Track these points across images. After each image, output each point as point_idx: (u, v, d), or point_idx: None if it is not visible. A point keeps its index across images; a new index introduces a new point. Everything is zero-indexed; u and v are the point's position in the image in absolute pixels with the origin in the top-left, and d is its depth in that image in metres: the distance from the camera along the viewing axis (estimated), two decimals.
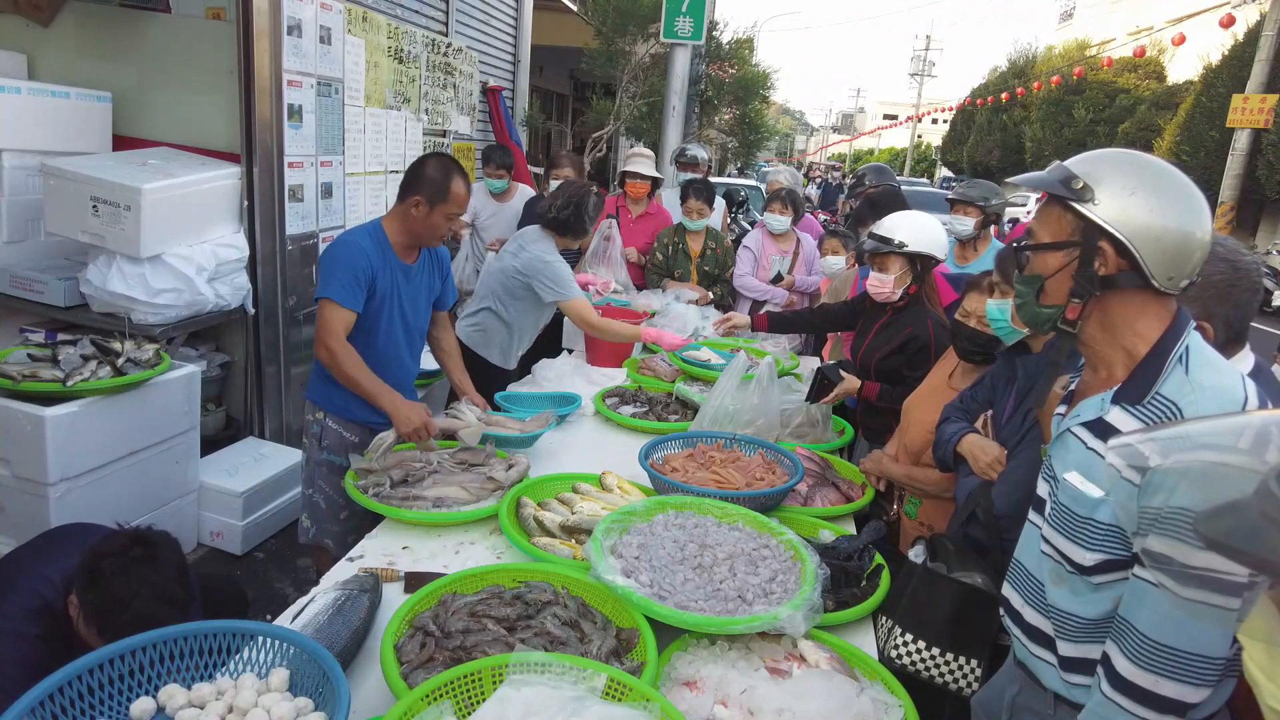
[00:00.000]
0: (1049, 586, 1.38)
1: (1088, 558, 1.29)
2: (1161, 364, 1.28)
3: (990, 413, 2.16)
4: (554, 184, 4.28)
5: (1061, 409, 1.49)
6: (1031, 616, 1.44)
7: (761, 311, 3.77)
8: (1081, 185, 1.31)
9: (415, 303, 2.64)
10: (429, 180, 2.46)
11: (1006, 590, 1.53)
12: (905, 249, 2.76)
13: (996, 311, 2.12)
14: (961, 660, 1.80)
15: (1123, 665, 1.21)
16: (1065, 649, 1.37)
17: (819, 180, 27.02)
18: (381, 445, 2.31)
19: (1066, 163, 1.36)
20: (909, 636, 1.82)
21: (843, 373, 2.90)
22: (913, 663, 1.81)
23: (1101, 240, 1.30)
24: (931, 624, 1.80)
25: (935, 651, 1.80)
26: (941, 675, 1.81)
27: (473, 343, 3.36)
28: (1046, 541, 1.38)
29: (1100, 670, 1.26)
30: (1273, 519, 0.70)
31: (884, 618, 1.88)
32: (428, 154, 2.58)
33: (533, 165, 7.47)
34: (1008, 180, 1.73)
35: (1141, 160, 1.32)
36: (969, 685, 1.80)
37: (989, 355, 2.30)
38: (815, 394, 2.91)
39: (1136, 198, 1.27)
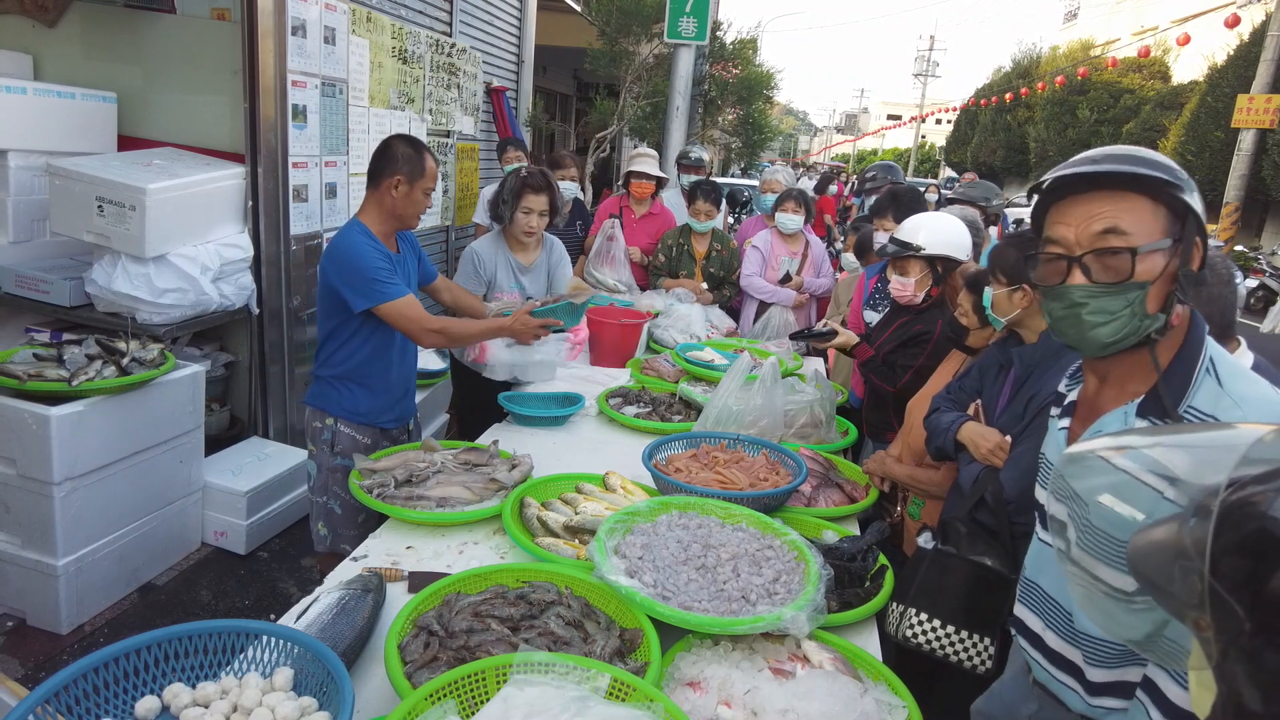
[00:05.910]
0: (1079, 612, 1.29)
1: (1129, 582, 1.23)
2: (1189, 373, 1.19)
3: (979, 401, 2.18)
4: (562, 184, 4.27)
5: (1065, 421, 1.40)
6: (1054, 642, 1.37)
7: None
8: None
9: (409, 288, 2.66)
10: (404, 158, 2.46)
11: (1021, 612, 1.48)
12: (921, 252, 2.74)
13: (989, 299, 2.21)
14: (976, 638, 1.80)
15: (1174, 692, 1.13)
16: (1096, 675, 1.30)
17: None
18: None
19: (1111, 152, 1.22)
20: (923, 615, 1.82)
21: (836, 327, 3.10)
22: (927, 641, 1.81)
23: (1198, 234, 1.18)
24: (945, 602, 1.81)
25: (950, 629, 1.80)
26: (956, 653, 1.81)
27: (459, 353, 3.33)
28: (1075, 564, 1.30)
29: (1145, 697, 1.18)
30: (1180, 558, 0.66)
31: (894, 604, 1.88)
32: (390, 137, 2.54)
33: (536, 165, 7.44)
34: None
35: None
36: (983, 663, 1.80)
37: (963, 344, 2.49)
38: (806, 339, 3.20)
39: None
